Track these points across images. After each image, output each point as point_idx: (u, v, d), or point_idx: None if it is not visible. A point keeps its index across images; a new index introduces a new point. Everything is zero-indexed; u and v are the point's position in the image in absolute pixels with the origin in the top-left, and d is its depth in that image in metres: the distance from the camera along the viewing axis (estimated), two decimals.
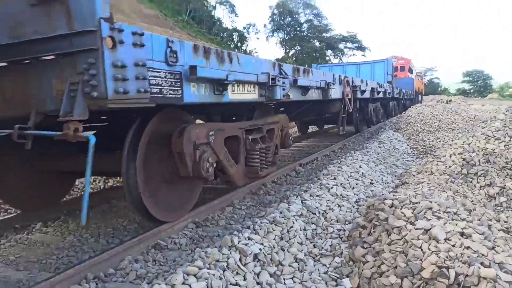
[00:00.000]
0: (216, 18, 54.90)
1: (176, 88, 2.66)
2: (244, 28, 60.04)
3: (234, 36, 55.95)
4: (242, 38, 56.31)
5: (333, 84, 6.13)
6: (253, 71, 3.68)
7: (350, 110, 7.49)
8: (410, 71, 28.08)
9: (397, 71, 25.71)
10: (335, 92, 6.38)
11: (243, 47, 54.16)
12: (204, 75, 2.86)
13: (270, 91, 4.02)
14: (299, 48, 62.97)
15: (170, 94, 2.61)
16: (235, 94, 3.46)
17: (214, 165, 3.49)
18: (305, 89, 5.01)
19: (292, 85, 4.53)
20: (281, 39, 63.92)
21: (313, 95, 5.41)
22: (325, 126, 12.18)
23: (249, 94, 3.73)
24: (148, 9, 37.89)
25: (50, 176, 4.03)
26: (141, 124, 3.02)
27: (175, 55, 2.61)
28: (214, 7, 55.46)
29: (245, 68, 3.55)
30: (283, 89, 4.22)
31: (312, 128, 12.34)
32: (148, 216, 3.10)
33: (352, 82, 7.60)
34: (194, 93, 2.88)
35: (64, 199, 4.52)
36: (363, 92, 8.39)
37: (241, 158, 4.17)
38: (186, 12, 46.70)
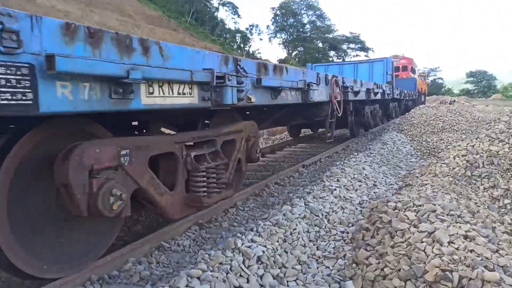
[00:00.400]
0: (219, 19, 55.04)
1: (21, 90, 1.73)
2: (247, 29, 60.17)
3: (237, 37, 56.02)
4: (245, 39, 56.38)
5: (317, 84, 5.25)
6: (187, 67, 2.72)
7: (339, 115, 6.65)
8: (413, 70, 26.84)
9: (399, 71, 24.49)
10: (320, 94, 5.51)
11: (246, 48, 54.22)
12: (81, 70, 1.92)
13: (217, 93, 3.08)
14: (302, 49, 62.99)
15: (4, 100, 1.66)
16: (154, 98, 2.48)
17: (123, 198, 2.46)
18: (275, 91, 4.08)
19: (255, 85, 3.65)
20: (284, 40, 63.99)
21: (289, 97, 4.48)
22: (319, 130, 11.26)
23: (182, 98, 2.74)
24: (151, 11, 38.03)
25: None
26: (10, 141, 2.17)
27: (16, 37, 1.68)
28: (217, 9, 55.63)
29: (173, 63, 2.62)
30: (240, 91, 3.34)
31: (306, 131, 11.85)
32: (20, 274, 2.25)
33: (343, 83, 6.78)
34: (66, 98, 1.92)
35: None
36: (356, 93, 7.56)
37: (178, 183, 3.14)
38: (189, 14, 46.83)
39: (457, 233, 2.58)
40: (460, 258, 2.32)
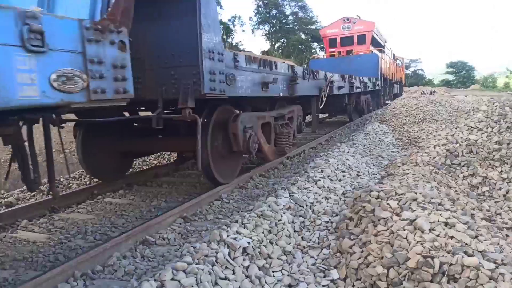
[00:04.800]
0: None
1: None
2: (230, 20, 59.64)
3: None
4: (228, 31, 55.92)
5: None
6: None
7: None
8: (375, 43, 16.84)
9: (352, 43, 16.11)
10: None
11: (229, 40, 53.80)
12: None
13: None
14: (285, 40, 62.88)
15: None
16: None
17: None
18: None
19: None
20: (266, 32, 63.72)
21: None
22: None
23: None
24: None
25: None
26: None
27: None
28: None
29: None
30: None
31: None
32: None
33: None
34: None
35: (50, 196, 4.46)
36: None
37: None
38: None
39: (438, 221, 2.64)
40: (441, 244, 2.38)
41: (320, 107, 7.01)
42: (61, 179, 5.29)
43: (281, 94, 5.28)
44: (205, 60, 3.48)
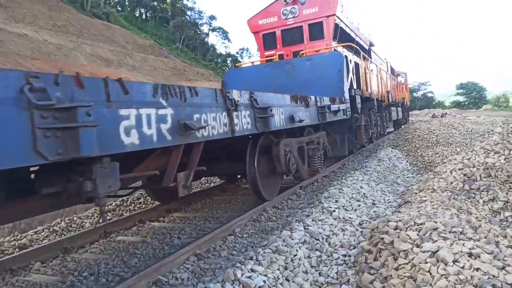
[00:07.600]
0: (209, 44, 55.89)
1: None
2: (237, 53, 61.05)
3: (228, 61, 56.81)
4: (236, 63, 57.04)
5: None
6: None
7: None
8: (344, 38, 9.77)
9: (302, 40, 9.46)
10: None
11: None
12: None
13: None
14: None
15: None
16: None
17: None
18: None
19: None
20: None
21: None
22: None
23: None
24: (142, 39, 38.51)
25: None
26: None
27: None
28: (207, 34, 56.59)
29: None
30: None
31: None
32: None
33: None
34: None
35: (63, 236, 4.44)
36: None
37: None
38: (180, 40, 47.49)
39: (461, 251, 2.52)
40: (466, 277, 2.26)
41: None
42: (75, 218, 5.28)
43: None
44: None
